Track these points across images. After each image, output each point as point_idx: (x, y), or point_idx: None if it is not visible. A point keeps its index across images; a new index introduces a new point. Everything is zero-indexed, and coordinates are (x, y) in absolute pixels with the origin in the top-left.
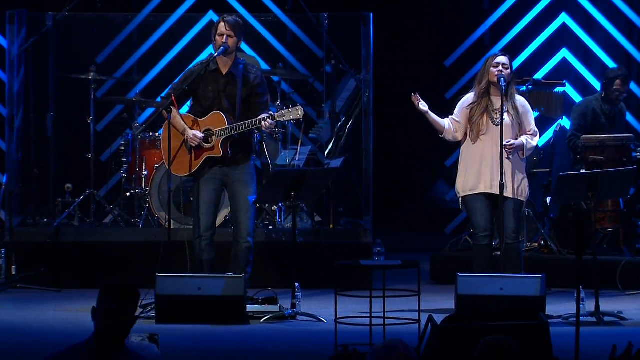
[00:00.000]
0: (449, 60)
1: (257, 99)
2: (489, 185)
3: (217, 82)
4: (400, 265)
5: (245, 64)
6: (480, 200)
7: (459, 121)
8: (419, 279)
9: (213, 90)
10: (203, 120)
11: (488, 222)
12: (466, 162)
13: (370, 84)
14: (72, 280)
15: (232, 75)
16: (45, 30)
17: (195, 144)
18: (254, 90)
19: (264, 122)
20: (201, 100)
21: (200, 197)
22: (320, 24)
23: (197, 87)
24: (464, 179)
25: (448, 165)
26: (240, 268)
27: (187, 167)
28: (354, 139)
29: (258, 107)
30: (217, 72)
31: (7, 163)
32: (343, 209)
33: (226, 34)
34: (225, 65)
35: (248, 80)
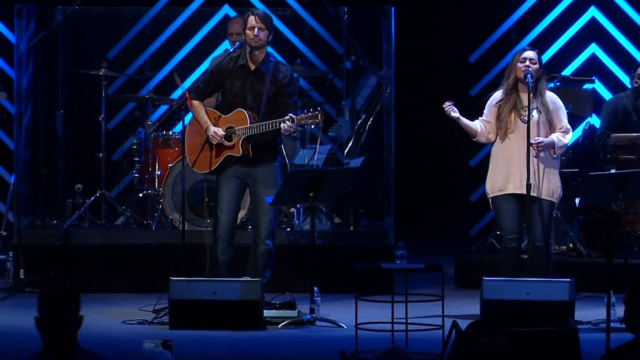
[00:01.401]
0: (473, 55)
1: (285, 99)
2: (518, 185)
3: (245, 78)
4: (423, 268)
5: (276, 62)
6: (508, 201)
7: (490, 121)
8: (442, 283)
9: (239, 85)
10: (226, 117)
11: (516, 224)
12: (495, 161)
13: (391, 80)
14: (83, 284)
15: (260, 71)
16: (55, 24)
17: (216, 141)
18: (281, 89)
19: (284, 125)
20: (227, 95)
21: (221, 195)
22: (339, 18)
23: (224, 81)
24: (493, 179)
25: (472, 164)
26: (259, 272)
27: (207, 164)
28: (374, 137)
29: (286, 108)
30: (244, 67)
31: (16, 163)
32: (363, 211)
33: (257, 26)
34: (254, 61)
35: (276, 79)
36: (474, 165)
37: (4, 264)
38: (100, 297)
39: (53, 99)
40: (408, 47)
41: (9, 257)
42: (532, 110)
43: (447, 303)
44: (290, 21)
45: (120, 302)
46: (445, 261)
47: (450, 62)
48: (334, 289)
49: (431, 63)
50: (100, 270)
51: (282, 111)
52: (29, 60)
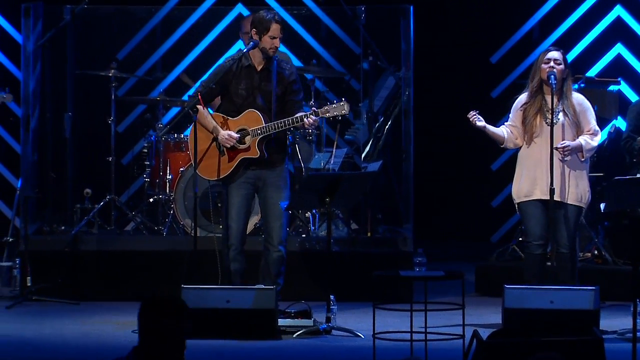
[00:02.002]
0: (494, 56)
1: (292, 96)
2: (545, 191)
3: (251, 79)
4: (443, 276)
5: (278, 60)
6: (535, 206)
7: (516, 125)
8: (463, 291)
9: (247, 87)
10: (236, 119)
11: (543, 229)
12: (521, 166)
13: (410, 81)
14: (92, 292)
15: (267, 71)
16: (63, 24)
17: (230, 144)
18: (289, 87)
19: (307, 120)
20: (233, 98)
21: (231, 202)
22: (356, 17)
23: (228, 84)
24: (519, 185)
25: (494, 169)
26: (271, 279)
27: (217, 170)
28: (392, 140)
29: (293, 105)
30: (251, 68)
31: (22, 166)
32: (381, 216)
33: (279, 37)
34: (259, 62)
35: (283, 77)
36: (495, 170)
37: (10, 272)
38: (109, 305)
39: (61, 100)
40: (427, 47)
41: (15, 264)
42: (558, 113)
43: (467, 312)
44: (305, 20)
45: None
46: (465, 268)
47: (471, 63)
48: (351, 297)
49: (451, 64)
50: (109, 277)
51: (290, 108)
52: (37, 60)
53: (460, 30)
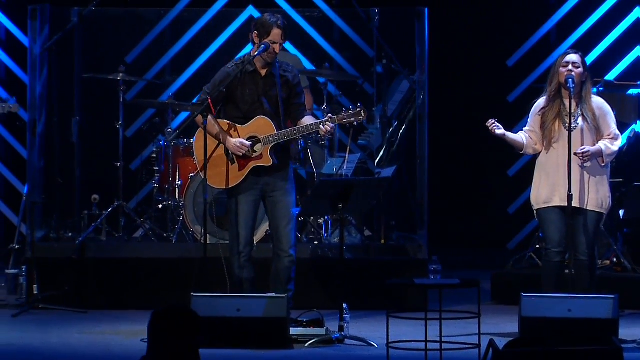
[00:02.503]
0: (511, 59)
1: (296, 99)
2: (565, 197)
3: (256, 85)
4: (458, 284)
5: (280, 63)
6: (555, 213)
7: (534, 130)
8: (479, 299)
9: (252, 93)
10: (246, 126)
11: (562, 236)
12: (540, 172)
13: (425, 85)
14: (99, 300)
15: (272, 75)
16: (70, 26)
17: (242, 153)
18: (293, 90)
19: (323, 127)
20: (239, 105)
21: (239, 210)
22: (370, 20)
23: (234, 90)
24: (538, 191)
25: (511, 174)
26: (282, 286)
27: (226, 179)
28: (407, 145)
29: (298, 109)
30: (255, 74)
31: (29, 172)
32: (395, 223)
33: (280, 42)
34: (263, 67)
35: (287, 80)
36: (512, 175)
37: (16, 279)
38: (117, 314)
39: (68, 105)
40: (442, 50)
41: (22, 271)
42: (577, 117)
43: (483, 320)
44: (318, 23)
45: (138, 319)
46: (481, 276)
47: (487, 66)
48: (364, 306)
49: (467, 67)
50: (117, 285)
51: (294, 112)
52: (43, 64)
53: (476, 32)
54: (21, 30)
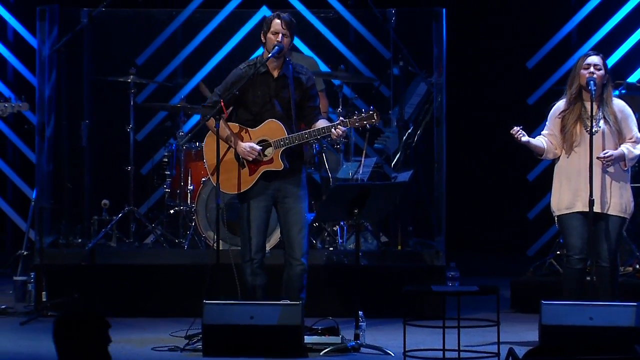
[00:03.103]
0: (531, 61)
1: (310, 102)
2: (587, 202)
3: (268, 86)
4: (476, 291)
5: (294, 64)
6: (577, 219)
7: (554, 134)
8: (497, 307)
9: (263, 95)
10: (256, 129)
11: (584, 242)
12: (560, 177)
13: (442, 87)
14: (109, 308)
15: (284, 77)
16: (80, 28)
17: (252, 157)
18: (307, 92)
19: (335, 130)
20: (250, 107)
21: (251, 216)
22: (386, 21)
23: (245, 92)
24: (559, 196)
25: (530, 179)
26: (294, 294)
27: (237, 184)
28: (424, 149)
29: (312, 112)
30: (267, 75)
31: (37, 176)
32: (412, 228)
33: (282, 32)
34: (276, 68)
35: (300, 82)
36: (532, 180)
37: (25, 286)
38: (128, 321)
39: (78, 108)
40: (460, 52)
41: (30, 278)
42: (599, 121)
43: (503, 329)
44: (333, 24)
45: (149, 327)
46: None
47: (506, 68)
48: (381, 314)
49: (485, 69)
50: (128, 292)
51: (309, 116)
52: (52, 66)
53: (495, 34)
54: (30, 32)
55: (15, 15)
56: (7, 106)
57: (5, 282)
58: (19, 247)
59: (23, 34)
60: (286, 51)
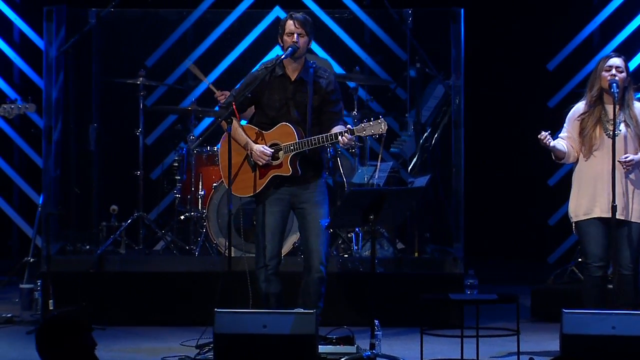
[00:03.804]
0: (552, 63)
1: (330, 107)
2: (606, 208)
3: (285, 90)
4: (496, 299)
5: (316, 68)
6: (595, 225)
7: (573, 137)
8: (517, 315)
9: (280, 98)
10: (269, 133)
11: (603, 250)
12: (579, 182)
13: (460, 90)
14: (118, 317)
15: (302, 81)
16: (88, 28)
17: (263, 161)
18: (326, 97)
19: (342, 138)
20: (266, 110)
21: (265, 220)
22: (403, 21)
23: (261, 95)
24: (577, 202)
25: (551, 184)
26: (311, 302)
27: (251, 187)
28: (441, 153)
29: (331, 117)
30: (284, 78)
31: (44, 181)
32: (429, 235)
33: (296, 32)
34: (293, 70)
35: (320, 87)
36: (552, 185)
37: (31, 294)
38: (137, 330)
39: (85, 111)
40: (479, 53)
41: (37, 286)
42: (619, 124)
43: (523, 338)
44: (348, 24)
45: (160, 336)
46: (520, 291)
47: (526, 70)
48: (397, 322)
49: (505, 71)
50: (137, 301)
51: (328, 121)
52: (60, 68)
53: (515, 34)
54: (36, 33)
55: (21, 15)
56: (13, 107)
57: (12, 290)
58: (25, 254)
59: (29, 35)
60: (302, 51)
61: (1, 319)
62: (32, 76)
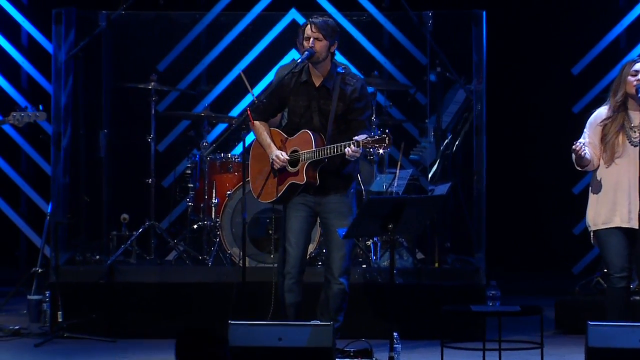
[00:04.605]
0: (576, 67)
1: (355, 115)
2: (627, 218)
3: (309, 96)
4: (519, 311)
5: (343, 74)
6: (615, 235)
7: (594, 143)
8: (541, 328)
9: (304, 105)
10: (291, 139)
11: (625, 260)
12: (598, 189)
13: (482, 95)
14: (129, 329)
15: (326, 88)
16: (98, 32)
17: (278, 166)
18: (351, 105)
19: (348, 149)
20: (291, 116)
21: (288, 225)
22: (423, 24)
23: (286, 100)
24: (595, 210)
25: (576, 192)
26: (330, 315)
27: (272, 193)
28: (463, 160)
29: (357, 126)
30: (308, 84)
31: (53, 189)
32: (450, 244)
33: (312, 36)
34: (318, 76)
35: (344, 94)
36: (577, 193)
37: (39, 306)
38: (149, 343)
39: (95, 116)
40: (501, 57)
41: (45, 297)
42: None
43: (546, 351)
44: (366, 27)
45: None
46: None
47: (550, 75)
48: (417, 335)
49: (528, 75)
50: (149, 312)
51: (353, 130)
52: (69, 72)
53: (538, 37)
54: (45, 36)
55: (29, 18)
56: (23, 115)
57: (19, 301)
58: (33, 264)
59: (38, 38)
60: (321, 56)
61: (8, 332)
62: (40, 81)
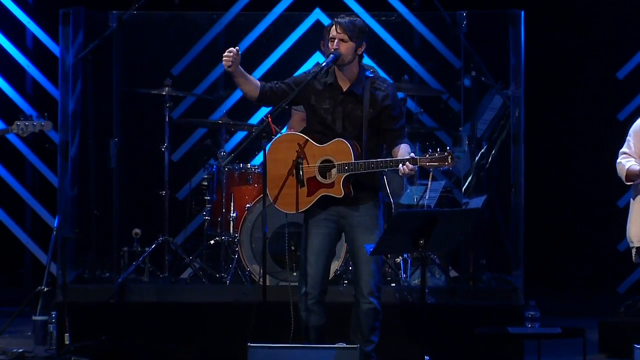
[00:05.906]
0: (622, 71)
1: (389, 124)
2: None
3: (335, 100)
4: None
5: (373, 78)
6: None
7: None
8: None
9: (329, 109)
10: (323, 146)
11: None
12: None
13: (520, 101)
14: (141, 351)
15: (355, 93)
16: (108, 33)
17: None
18: (384, 112)
19: (403, 167)
20: (315, 119)
21: (309, 243)
22: (456, 25)
23: (306, 96)
24: (639, 225)
25: (621, 205)
26: (363, 336)
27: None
28: (499, 171)
29: (392, 136)
30: (334, 88)
31: (60, 202)
32: (485, 262)
33: (337, 37)
34: (344, 80)
35: (375, 100)
36: (622, 207)
37: (45, 327)
38: None
39: (106, 124)
40: (541, 61)
41: (51, 318)
42: None
43: None
44: (396, 29)
45: None
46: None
47: (593, 79)
48: (450, 357)
49: (570, 80)
50: (162, 334)
51: (387, 140)
52: (77, 76)
53: (581, 40)
54: (51, 38)
55: (34, 19)
56: (27, 124)
57: (24, 322)
58: (38, 283)
59: (44, 40)
60: (347, 58)
61: (12, 355)
62: (46, 86)
